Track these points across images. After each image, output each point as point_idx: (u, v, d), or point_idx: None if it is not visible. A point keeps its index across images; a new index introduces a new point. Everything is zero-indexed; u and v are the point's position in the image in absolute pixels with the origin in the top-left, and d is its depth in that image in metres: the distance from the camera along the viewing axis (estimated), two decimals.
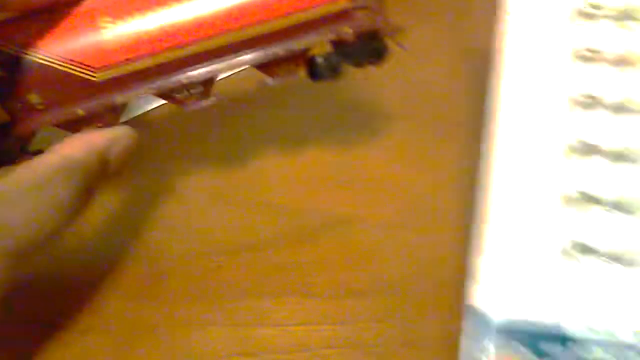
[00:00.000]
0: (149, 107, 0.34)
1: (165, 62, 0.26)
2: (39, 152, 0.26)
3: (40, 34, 0.25)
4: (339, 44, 0.27)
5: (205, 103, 0.28)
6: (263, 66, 0.27)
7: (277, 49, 0.26)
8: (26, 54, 0.25)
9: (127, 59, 0.26)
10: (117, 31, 0.25)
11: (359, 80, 0.40)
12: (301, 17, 0.26)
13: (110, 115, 0.27)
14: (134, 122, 0.36)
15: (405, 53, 0.28)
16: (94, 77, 0.26)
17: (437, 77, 0.39)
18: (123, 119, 0.28)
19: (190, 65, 0.26)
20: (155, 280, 0.30)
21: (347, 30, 0.26)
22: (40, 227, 0.23)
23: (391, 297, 0.28)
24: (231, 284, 0.29)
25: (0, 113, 0.25)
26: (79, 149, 0.25)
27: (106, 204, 0.33)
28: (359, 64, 0.28)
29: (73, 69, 0.26)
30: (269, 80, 0.28)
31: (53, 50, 0.26)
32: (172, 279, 0.30)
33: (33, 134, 0.27)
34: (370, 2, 0.26)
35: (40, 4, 0.26)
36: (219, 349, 0.27)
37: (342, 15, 0.26)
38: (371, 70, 0.29)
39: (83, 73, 0.26)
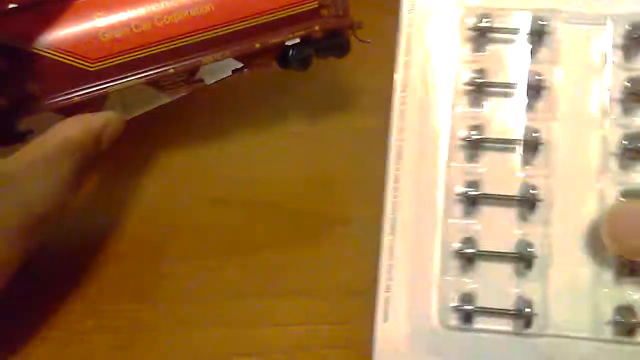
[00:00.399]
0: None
1: (155, 54, 0.29)
2: (30, 132, 0.27)
3: (38, 26, 0.27)
4: (308, 39, 0.31)
5: (188, 90, 0.31)
6: (241, 57, 0.30)
7: (255, 43, 0.30)
8: (25, 45, 0.27)
9: (120, 51, 0.28)
10: (111, 24, 0.28)
11: (358, 81, 0.40)
12: (276, 16, 0.30)
13: (100, 102, 0.29)
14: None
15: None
16: (90, 67, 0.28)
17: None
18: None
19: (178, 57, 0.29)
20: (155, 280, 0.30)
21: (315, 28, 0.30)
22: (49, 202, 0.25)
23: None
24: (231, 284, 0.29)
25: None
26: (78, 130, 0.26)
27: (106, 205, 0.33)
28: (324, 56, 0.32)
29: (70, 60, 0.28)
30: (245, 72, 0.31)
31: (51, 42, 0.27)
32: (172, 279, 0.30)
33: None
34: (336, 3, 0.31)
35: None
36: (219, 349, 0.27)
37: (311, 15, 0.30)
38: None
39: (79, 63, 0.28)
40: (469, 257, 0.23)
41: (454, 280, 0.23)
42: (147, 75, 0.29)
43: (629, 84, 0.22)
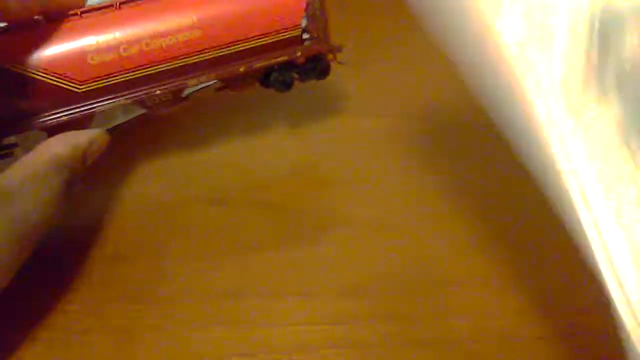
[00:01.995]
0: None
1: (142, 76, 0.30)
2: (14, 145, 0.29)
3: (27, 47, 0.28)
4: (290, 63, 0.32)
5: (173, 109, 0.32)
6: (226, 79, 0.32)
7: (239, 67, 0.31)
8: (15, 66, 0.28)
9: (108, 74, 0.29)
10: (100, 48, 0.29)
11: (354, 84, 0.40)
12: (261, 42, 0.31)
13: (87, 120, 0.30)
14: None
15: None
16: (78, 89, 0.29)
17: (428, 80, 0.39)
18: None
19: (164, 79, 0.30)
20: (155, 280, 0.30)
21: (298, 54, 0.32)
22: (41, 216, 0.26)
23: (391, 297, 0.28)
24: (231, 284, 0.29)
25: None
26: (66, 147, 0.28)
27: (106, 205, 0.33)
28: (306, 80, 0.34)
29: (58, 82, 0.28)
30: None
31: (40, 64, 0.28)
32: (172, 279, 0.30)
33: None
34: (317, 31, 0.32)
35: (36, 12, 0.28)
36: (219, 349, 0.27)
37: (294, 41, 0.32)
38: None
39: (68, 85, 0.29)
40: None
41: None
42: (133, 97, 0.30)
43: None
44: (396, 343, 0.27)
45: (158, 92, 0.30)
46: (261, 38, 0.31)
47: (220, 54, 0.30)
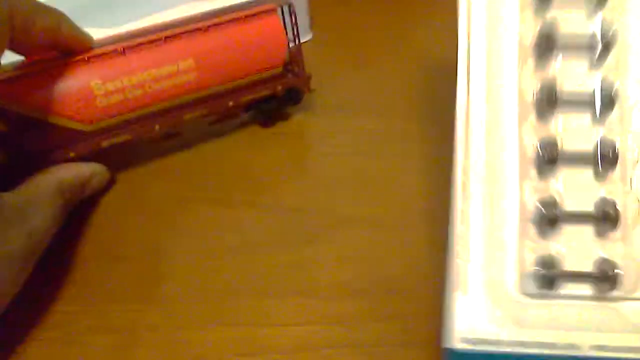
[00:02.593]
0: None
1: (144, 114, 0.32)
2: None
3: (39, 93, 0.30)
4: (271, 96, 0.37)
5: (171, 140, 0.35)
6: (215, 113, 0.35)
7: (229, 102, 0.35)
8: (27, 111, 0.30)
9: (114, 114, 0.32)
10: (107, 91, 0.31)
11: (355, 85, 0.40)
12: (248, 79, 0.35)
13: (92, 154, 0.33)
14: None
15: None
16: (86, 128, 0.31)
17: (428, 80, 0.39)
18: None
19: (163, 115, 0.33)
20: (155, 281, 0.30)
21: (278, 88, 0.36)
22: (45, 231, 0.28)
23: (391, 297, 0.28)
24: (231, 284, 0.29)
25: (1, 157, 0.30)
26: (70, 175, 0.31)
27: (106, 205, 0.33)
28: (282, 108, 0.38)
29: (70, 124, 0.31)
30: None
31: (52, 109, 0.30)
32: (172, 279, 0.30)
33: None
34: (296, 66, 0.37)
35: (45, 47, 0.30)
36: (219, 349, 0.27)
37: (276, 77, 0.36)
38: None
39: (78, 126, 0.31)
40: (550, 219, 0.21)
41: (533, 245, 0.22)
42: (138, 132, 0.33)
43: None
44: (396, 343, 0.27)
45: (157, 127, 0.33)
46: (249, 76, 0.35)
47: (213, 91, 0.34)
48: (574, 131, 0.22)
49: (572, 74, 0.22)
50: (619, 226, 0.21)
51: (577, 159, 0.21)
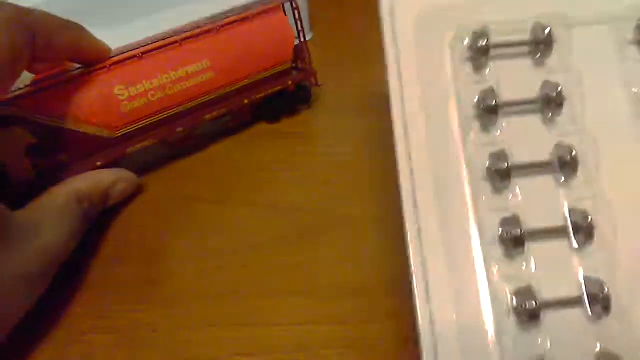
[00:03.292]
0: None
1: (165, 118, 0.33)
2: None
3: (65, 104, 0.30)
4: (281, 92, 0.38)
5: (189, 143, 0.36)
6: (232, 112, 0.37)
7: (244, 99, 0.36)
8: (55, 122, 0.30)
9: (139, 118, 0.32)
10: (130, 96, 0.32)
11: (354, 85, 0.40)
12: (260, 76, 0.36)
13: (119, 160, 0.33)
14: None
15: None
16: (112, 135, 0.32)
17: None
18: None
19: (186, 117, 0.34)
20: (155, 281, 0.30)
21: (289, 83, 0.37)
22: (62, 246, 0.28)
23: (391, 297, 0.28)
24: (231, 284, 0.29)
25: (28, 171, 0.31)
26: (88, 184, 0.30)
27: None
28: (292, 105, 0.39)
29: (96, 132, 0.31)
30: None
31: (79, 117, 0.31)
32: (172, 279, 0.30)
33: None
34: (302, 62, 0.38)
35: (64, 60, 0.31)
36: (219, 349, 0.27)
37: (284, 73, 0.37)
38: None
39: (104, 133, 0.32)
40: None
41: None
42: (161, 136, 0.34)
43: None
44: (396, 343, 0.27)
45: (180, 129, 0.34)
46: (260, 73, 0.36)
47: (229, 89, 0.35)
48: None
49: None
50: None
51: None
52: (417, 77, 0.20)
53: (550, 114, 0.20)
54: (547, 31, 0.19)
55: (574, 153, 0.19)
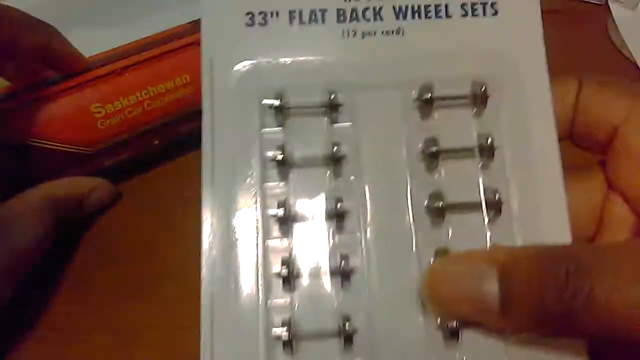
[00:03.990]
0: None
1: (144, 131, 0.32)
2: None
3: (39, 122, 0.30)
4: None
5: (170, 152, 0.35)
6: None
7: None
8: (29, 140, 0.30)
9: (115, 134, 0.32)
10: (107, 114, 0.31)
11: None
12: None
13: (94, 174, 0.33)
14: None
15: None
16: (88, 151, 0.31)
17: None
18: None
19: (162, 131, 0.33)
20: (155, 280, 0.30)
21: None
22: (32, 248, 0.27)
23: None
24: None
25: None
26: (63, 190, 0.30)
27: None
28: None
29: (71, 148, 0.31)
30: None
31: (54, 136, 0.30)
32: (172, 278, 0.30)
33: None
34: None
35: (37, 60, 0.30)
36: None
37: None
38: None
39: (80, 150, 0.31)
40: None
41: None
42: (138, 149, 0.33)
43: (426, 143, 0.21)
44: None
45: (156, 142, 0.34)
46: None
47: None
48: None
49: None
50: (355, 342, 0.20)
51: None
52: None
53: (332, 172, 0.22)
54: (332, 96, 0.21)
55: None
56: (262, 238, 0.21)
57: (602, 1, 0.43)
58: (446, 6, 0.22)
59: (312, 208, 0.21)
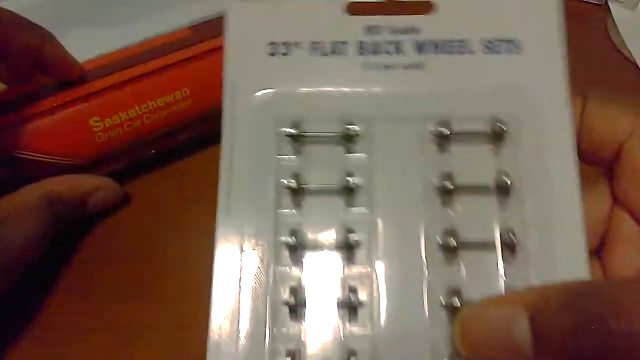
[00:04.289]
0: None
1: (142, 142, 0.32)
2: None
3: (41, 137, 0.30)
4: None
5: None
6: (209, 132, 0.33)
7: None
8: (29, 155, 0.29)
9: (113, 147, 0.31)
10: (106, 127, 0.31)
11: None
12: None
13: None
14: None
15: None
16: (85, 163, 0.31)
17: None
18: None
19: (160, 141, 0.33)
20: (155, 281, 0.30)
21: None
22: (28, 247, 0.27)
23: None
24: None
25: None
26: (65, 186, 0.29)
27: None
28: None
29: (68, 161, 0.30)
30: None
31: (55, 150, 0.30)
32: (172, 279, 0.30)
33: None
34: None
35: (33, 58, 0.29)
36: None
37: None
38: None
39: (77, 162, 0.31)
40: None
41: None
42: (134, 158, 0.33)
43: (442, 178, 0.21)
44: None
45: (153, 151, 0.34)
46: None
47: (207, 114, 0.33)
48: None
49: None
50: None
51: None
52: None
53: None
54: (349, 127, 0.22)
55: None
56: (272, 265, 0.21)
57: (602, 1, 0.43)
58: (469, 42, 0.22)
59: (324, 238, 0.21)
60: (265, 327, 0.21)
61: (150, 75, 0.31)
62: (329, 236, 0.21)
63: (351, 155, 0.22)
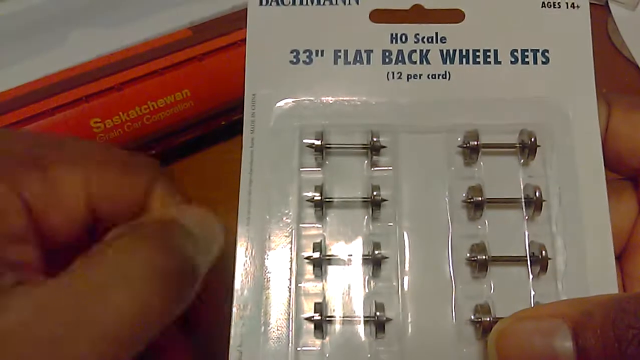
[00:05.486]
0: None
1: (142, 142, 0.32)
2: None
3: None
4: None
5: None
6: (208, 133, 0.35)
7: (222, 122, 0.35)
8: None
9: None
10: (107, 128, 0.31)
11: None
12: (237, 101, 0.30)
13: None
14: None
15: None
16: None
17: None
18: None
19: (160, 141, 0.33)
20: None
21: None
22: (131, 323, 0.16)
23: None
24: None
25: None
26: (166, 252, 0.18)
27: None
28: None
29: None
30: None
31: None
32: None
33: None
34: None
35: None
36: None
37: None
38: None
39: None
40: None
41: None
42: None
43: (470, 192, 0.21)
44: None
45: (153, 152, 0.33)
46: (237, 98, 0.32)
47: (207, 115, 0.34)
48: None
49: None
50: None
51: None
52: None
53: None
54: (374, 138, 0.21)
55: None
56: (295, 280, 0.20)
57: (602, 1, 0.43)
58: (495, 52, 0.22)
59: (348, 252, 0.21)
60: (288, 344, 0.20)
61: (151, 76, 0.31)
62: (354, 250, 0.21)
63: (376, 167, 0.21)
